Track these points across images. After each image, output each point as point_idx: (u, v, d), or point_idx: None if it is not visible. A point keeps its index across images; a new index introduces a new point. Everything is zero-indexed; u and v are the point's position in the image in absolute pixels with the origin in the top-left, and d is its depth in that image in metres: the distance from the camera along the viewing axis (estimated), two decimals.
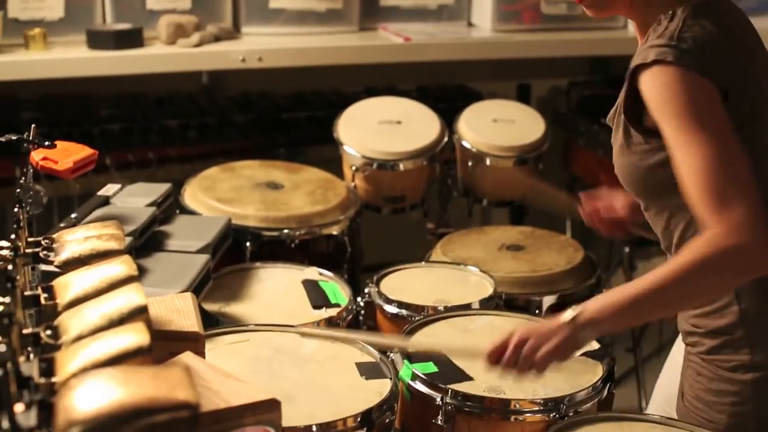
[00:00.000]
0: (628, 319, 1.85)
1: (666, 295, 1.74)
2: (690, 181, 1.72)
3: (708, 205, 1.70)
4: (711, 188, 1.69)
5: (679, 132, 1.72)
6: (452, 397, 2.00)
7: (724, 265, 1.71)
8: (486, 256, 2.98)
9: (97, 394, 1.17)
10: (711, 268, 1.71)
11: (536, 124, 3.59)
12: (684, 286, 1.73)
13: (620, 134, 1.89)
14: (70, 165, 2.26)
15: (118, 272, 1.56)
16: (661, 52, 1.74)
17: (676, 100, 1.72)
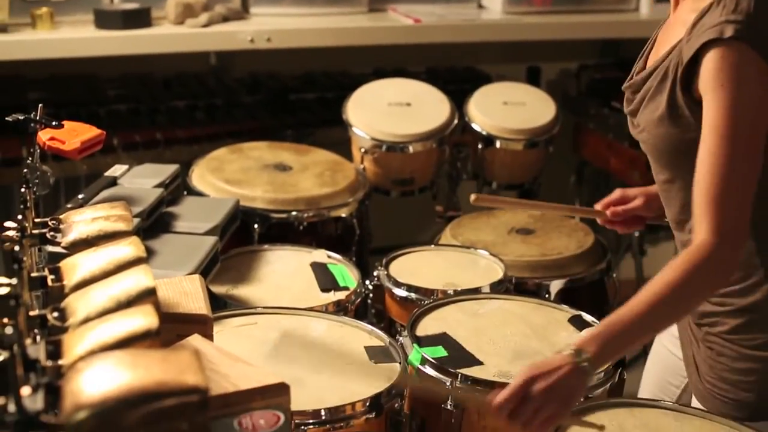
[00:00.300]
0: (631, 344, 1.81)
1: (661, 313, 1.73)
2: (703, 175, 1.72)
3: (706, 208, 1.71)
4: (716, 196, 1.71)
5: (723, 119, 1.71)
6: (462, 381, 1.98)
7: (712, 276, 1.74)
8: (496, 239, 2.96)
9: (105, 378, 1.15)
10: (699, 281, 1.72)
11: (547, 107, 3.57)
12: (677, 300, 1.72)
13: (663, 104, 1.84)
14: (77, 145, 2.24)
15: (125, 254, 1.54)
16: (737, 29, 1.70)
17: (735, 85, 1.70)
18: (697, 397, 2.01)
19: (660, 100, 1.85)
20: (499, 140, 3.43)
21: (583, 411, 1.87)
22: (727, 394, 1.94)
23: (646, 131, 1.91)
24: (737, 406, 1.92)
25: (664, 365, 2.22)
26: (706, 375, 1.97)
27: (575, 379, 1.66)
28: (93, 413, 1.11)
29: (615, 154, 3.89)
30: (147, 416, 1.13)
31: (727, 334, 1.93)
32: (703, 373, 1.98)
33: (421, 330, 2.20)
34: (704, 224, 1.71)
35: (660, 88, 1.85)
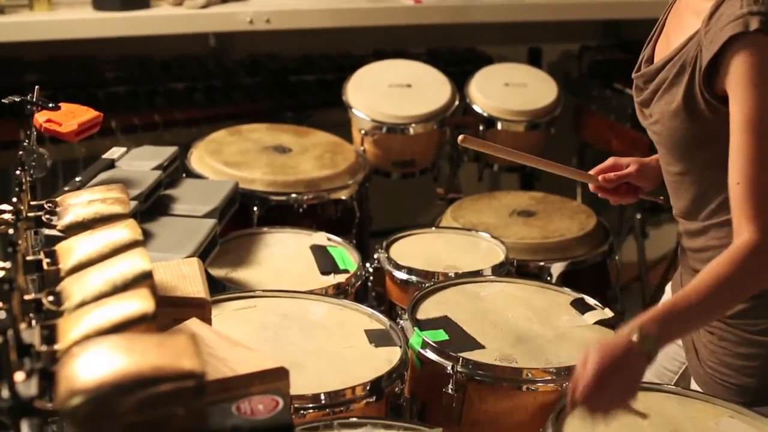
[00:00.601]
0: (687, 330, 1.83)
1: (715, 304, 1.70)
2: (739, 177, 1.69)
3: (748, 209, 1.68)
4: (756, 195, 1.68)
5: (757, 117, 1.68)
6: (463, 365, 1.96)
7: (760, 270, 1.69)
8: (497, 221, 2.94)
9: (100, 363, 1.14)
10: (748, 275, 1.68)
11: (548, 89, 3.55)
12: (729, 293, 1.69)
13: (679, 97, 1.80)
14: (74, 127, 2.22)
15: (122, 237, 1.51)
16: (763, 21, 1.66)
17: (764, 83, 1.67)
18: (698, 382, 1.99)
19: (676, 93, 1.81)
20: (501, 122, 3.41)
21: None
22: (729, 380, 1.92)
23: (659, 123, 1.88)
24: (739, 391, 1.90)
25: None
26: (707, 360, 1.95)
27: (642, 364, 1.63)
28: (88, 399, 1.10)
29: (617, 135, 3.87)
30: (143, 401, 1.12)
31: (730, 318, 1.90)
32: (704, 358, 1.96)
33: (421, 313, 2.18)
34: (747, 223, 1.68)
35: (676, 80, 1.81)
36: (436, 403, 1.99)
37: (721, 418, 1.82)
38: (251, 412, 1.32)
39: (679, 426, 1.79)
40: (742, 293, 1.73)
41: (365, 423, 1.70)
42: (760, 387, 1.90)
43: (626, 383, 1.63)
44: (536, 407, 1.95)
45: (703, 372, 1.97)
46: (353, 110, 3.33)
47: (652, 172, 2.13)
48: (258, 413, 1.32)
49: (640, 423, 1.78)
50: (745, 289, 1.72)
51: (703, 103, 1.77)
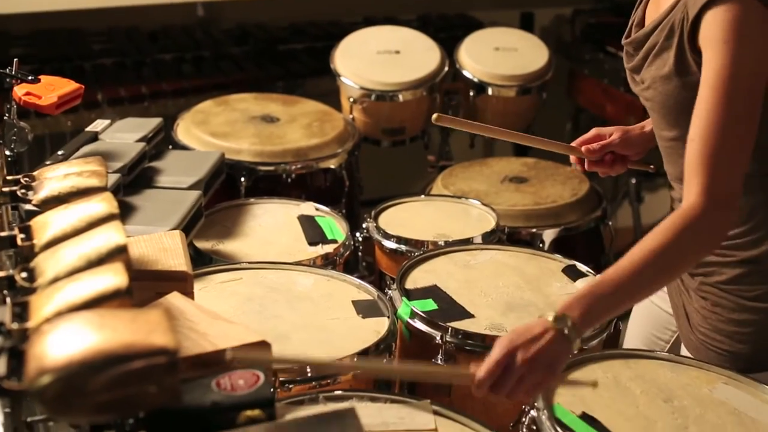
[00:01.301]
0: (617, 309, 1.70)
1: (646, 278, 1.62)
2: (698, 133, 1.65)
3: (698, 167, 1.64)
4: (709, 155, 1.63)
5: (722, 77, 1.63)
6: (452, 335, 1.93)
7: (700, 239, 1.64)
8: (488, 188, 2.90)
9: (70, 340, 1.11)
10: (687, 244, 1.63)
11: (539, 52, 3.51)
12: (663, 264, 1.62)
13: (671, 61, 1.76)
14: (54, 100, 2.18)
15: (97, 210, 1.48)
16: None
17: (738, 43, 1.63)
18: (689, 348, 1.96)
19: (667, 57, 1.77)
20: (491, 87, 3.38)
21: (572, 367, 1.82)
22: (721, 346, 1.89)
23: (652, 88, 1.84)
24: (731, 357, 1.87)
25: (649, 320, 2.16)
26: (699, 326, 1.92)
27: (558, 345, 1.54)
28: (57, 378, 1.07)
29: (611, 99, 3.83)
30: (114, 379, 1.09)
31: (725, 284, 1.87)
32: (696, 324, 1.93)
33: (410, 283, 2.15)
34: (695, 185, 1.63)
35: (666, 44, 1.77)
36: None
37: (715, 384, 1.79)
38: (231, 388, 1.30)
39: (672, 393, 1.76)
40: (683, 261, 1.67)
41: (351, 396, 1.67)
42: (752, 353, 1.87)
43: (539, 367, 1.53)
44: None
45: (694, 338, 1.93)
46: (341, 78, 3.29)
47: (637, 139, 2.09)
48: (238, 388, 1.30)
49: (633, 390, 1.75)
50: (685, 256, 1.65)
51: (693, 65, 1.73)
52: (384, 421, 1.62)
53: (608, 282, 1.61)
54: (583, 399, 1.71)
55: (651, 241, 1.62)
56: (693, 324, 1.93)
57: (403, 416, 1.64)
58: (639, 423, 1.66)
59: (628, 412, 1.69)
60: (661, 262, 1.61)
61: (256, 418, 1.27)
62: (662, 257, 1.60)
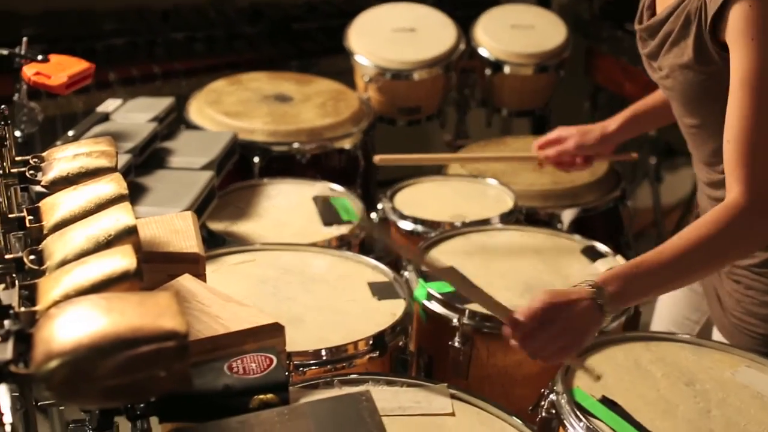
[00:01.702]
0: (651, 292, 1.72)
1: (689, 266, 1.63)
2: (734, 133, 1.62)
3: (740, 167, 1.61)
4: (750, 153, 1.60)
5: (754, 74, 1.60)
6: (470, 317, 1.90)
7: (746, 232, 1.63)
8: (506, 168, 2.87)
9: (78, 324, 1.08)
10: (732, 236, 1.62)
11: (557, 30, 3.46)
12: (707, 255, 1.62)
13: (690, 49, 1.73)
14: (63, 80, 2.16)
15: (107, 191, 1.45)
16: None
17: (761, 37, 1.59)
18: (722, 331, 1.94)
19: (685, 46, 1.73)
20: (508, 65, 3.34)
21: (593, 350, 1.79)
22: (755, 329, 1.86)
23: (671, 77, 1.80)
24: (765, 340, 1.84)
25: (680, 301, 2.13)
26: (732, 309, 1.89)
27: (591, 316, 1.57)
28: (64, 362, 1.04)
29: (629, 77, 3.79)
30: (122, 364, 1.06)
31: (758, 267, 1.84)
32: (729, 308, 1.90)
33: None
34: (736, 184, 1.61)
35: (683, 33, 1.73)
36: (443, 357, 1.93)
37: (737, 367, 1.76)
38: (244, 371, 1.28)
39: (694, 377, 1.72)
40: (722, 257, 1.66)
41: (366, 379, 1.65)
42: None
43: (571, 332, 1.57)
44: None
45: (727, 322, 1.90)
46: (356, 56, 3.26)
47: (598, 141, 2.08)
48: (251, 372, 1.28)
49: (654, 374, 1.72)
50: (725, 253, 1.65)
51: (714, 54, 1.69)
52: (400, 405, 1.59)
53: (648, 264, 1.60)
54: (603, 382, 1.68)
55: (694, 231, 1.61)
56: (726, 307, 1.90)
57: (419, 400, 1.62)
58: (660, 406, 1.63)
59: (649, 396, 1.66)
60: (701, 253, 1.60)
61: (269, 402, 1.25)
62: (704, 248, 1.60)
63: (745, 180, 1.60)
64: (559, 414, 1.62)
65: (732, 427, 1.59)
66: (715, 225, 1.60)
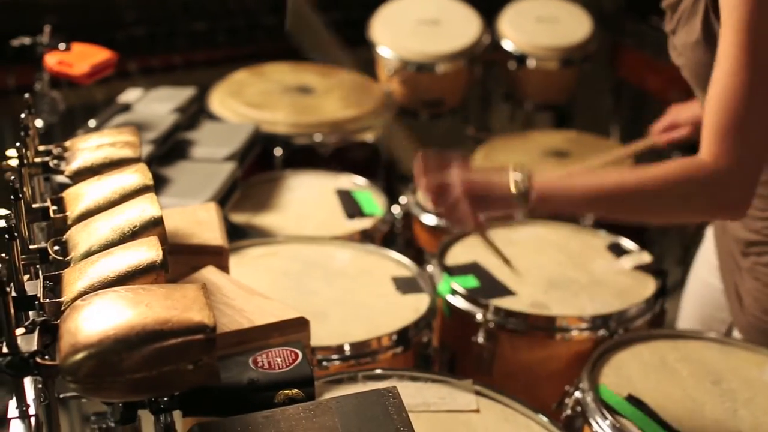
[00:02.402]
0: (578, 209, 1.78)
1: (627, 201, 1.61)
2: (715, 97, 1.57)
3: (716, 132, 1.56)
4: (728, 120, 1.55)
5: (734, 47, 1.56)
6: (494, 313, 1.88)
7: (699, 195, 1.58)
8: (529, 161, 2.84)
9: (104, 316, 1.07)
10: (684, 193, 1.58)
11: (582, 23, 3.44)
12: (649, 199, 1.60)
13: (698, 28, 1.70)
14: (86, 69, 2.15)
15: (131, 182, 1.44)
16: None
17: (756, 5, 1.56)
18: (740, 329, 1.91)
19: (694, 24, 1.71)
20: (533, 58, 3.31)
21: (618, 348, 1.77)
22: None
23: (683, 55, 1.78)
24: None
25: (706, 298, 2.11)
26: (752, 307, 1.87)
27: (502, 197, 1.63)
28: (90, 354, 1.03)
29: (654, 72, 3.75)
30: (149, 357, 1.05)
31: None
32: (748, 305, 1.87)
33: (450, 259, 2.10)
34: (712, 144, 1.56)
35: (694, 10, 1.71)
36: (467, 353, 1.92)
37: (764, 366, 1.75)
38: (269, 366, 1.26)
39: (721, 375, 1.70)
40: (665, 208, 1.63)
41: (391, 375, 1.63)
42: None
43: (474, 199, 1.64)
44: (571, 356, 1.88)
45: (746, 321, 1.88)
46: (378, 48, 3.24)
47: None
48: (276, 366, 1.27)
49: (680, 372, 1.70)
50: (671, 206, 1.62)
51: (718, 31, 1.66)
52: (425, 401, 1.58)
53: (586, 183, 1.62)
54: (630, 381, 1.66)
55: (652, 171, 1.58)
56: (745, 305, 1.88)
57: (444, 396, 1.60)
58: (686, 405, 1.61)
59: (675, 395, 1.64)
60: (645, 194, 1.59)
61: (294, 397, 1.23)
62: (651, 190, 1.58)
63: (722, 144, 1.56)
64: (585, 412, 1.60)
65: (760, 426, 1.57)
66: (673, 177, 1.57)
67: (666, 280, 2.05)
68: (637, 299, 1.95)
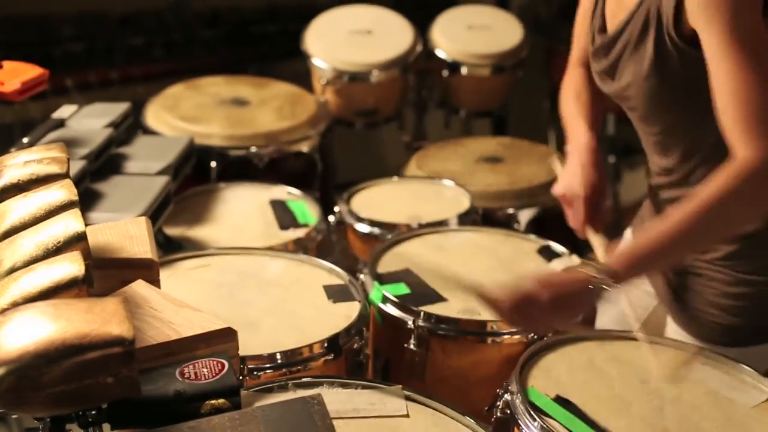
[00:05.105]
0: (658, 266, 1.77)
1: (697, 232, 1.60)
2: (728, 102, 1.59)
3: (743, 132, 1.58)
4: (750, 115, 1.58)
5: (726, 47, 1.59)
6: (425, 319, 1.90)
7: (758, 192, 1.60)
8: (463, 168, 2.87)
9: (24, 332, 1.08)
10: (743, 197, 1.59)
11: (513, 30, 3.48)
12: (716, 218, 1.60)
13: (649, 54, 1.71)
14: (17, 86, 2.13)
15: (57, 198, 1.45)
16: None
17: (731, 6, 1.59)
18: (679, 323, 1.94)
19: (644, 51, 1.72)
20: (465, 66, 3.35)
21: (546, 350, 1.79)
22: (716, 320, 1.87)
23: (633, 86, 1.78)
24: (725, 330, 1.86)
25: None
26: (692, 301, 1.90)
27: (587, 294, 1.60)
28: (10, 370, 1.04)
29: None
30: (69, 371, 1.06)
31: (721, 260, 1.85)
32: (688, 300, 1.91)
33: (382, 266, 2.12)
34: (743, 146, 1.58)
35: (642, 38, 1.72)
36: (400, 359, 1.93)
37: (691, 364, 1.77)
38: (195, 377, 1.28)
39: (649, 374, 1.73)
40: (731, 221, 1.63)
41: (321, 382, 1.64)
42: (746, 326, 1.86)
43: (565, 307, 1.61)
44: (502, 360, 1.90)
45: (687, 315, 1.91)
46: (313, 59, 3.26)
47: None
48: (202, 377, 1.28)
49: (608, 372, 1.72)
50: (735, 216, 1.62)
51: (675, 53, 1.69)
52: (355, 408, 1.59)
53: (656, 237, 1.61)
54: (558, 382, 1.69)
55: (700, 196, 1.58)
56: (685, 299, 1.91)
57: (374, 402, 1.61)
58: (614, 405, 1.63)
59: (604, 395, 1.66)
60: (716, 213, 1.59)
61: (220, 407, 1.24)
62: (712, 213, 1.58)
63: (756, 139, 1.57)
64: (514, 414, 1.62)
65: (685, 423, 1.60)
66: (725, 188, 1.57)
67: None
68: None
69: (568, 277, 1.62)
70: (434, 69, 3.43)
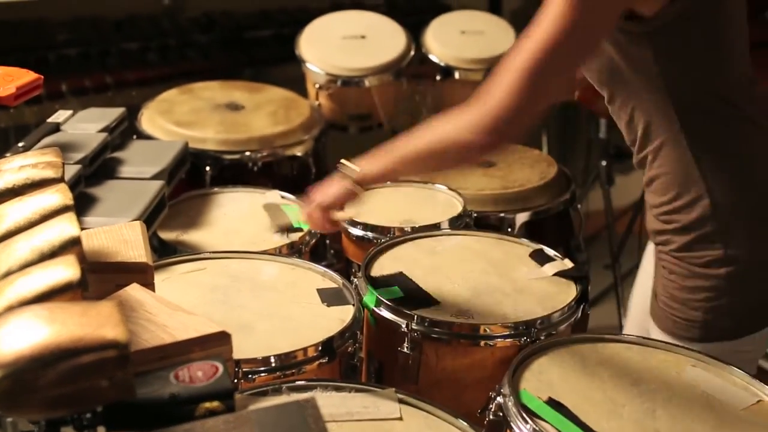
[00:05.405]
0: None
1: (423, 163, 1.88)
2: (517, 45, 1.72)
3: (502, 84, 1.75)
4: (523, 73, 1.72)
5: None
6: (418, 323, 1.91)
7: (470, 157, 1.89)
8: (455, 173, 2.87)
9: (19, 336, 1.08)
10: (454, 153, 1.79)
11: (506, 35, 3.49)
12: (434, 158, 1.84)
13: None
14: (12, 91, 2.14)
15: (52, 202, 1.45)
16: None
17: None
18: (653, 317, 1.97)
19: None
20: (458, 71, 3.36)
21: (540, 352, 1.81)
22: (677, 314, 1.90)
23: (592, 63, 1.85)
24: (687, 325, 1.89)
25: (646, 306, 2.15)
26: (661, 294, 1.93)
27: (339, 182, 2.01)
28: (5, 374, 1.05)
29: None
30: (64, 374, 1.07)
31: (677, 252, 1.88)
32: (659, 293, 1.94)
33: (376, 270, 2.13)
34: (488, 91, 1.75)
35: None
36: (393, 363, 1.94)
37: (683, 367, 1.79)
38: (190, 380, 1.28)
39: (641, 376, 1.75)
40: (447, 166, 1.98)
41: (315, 385, 1.65)
42: (704, 321, 1.88)
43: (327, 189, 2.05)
44: (495, 363, 1.91)
45: (656, 306, 1.95)
46: (307, 64, 3.27)
47: None
48: (197, 380, 1.28)
49: (600, 374, 1.74)
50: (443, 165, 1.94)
51: None
52: (348, 411, 1.60)
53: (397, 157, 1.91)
54: (551, 384, 1.70)
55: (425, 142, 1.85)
56: (657, 293, 1.94)
57: (367, 405, 1.62)
58: (606, 407, 1.65)
59: (596, 397, 1.68)
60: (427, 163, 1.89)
61: (214, 410, 1.25)
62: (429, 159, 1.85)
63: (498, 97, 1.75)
64: (506, 416, 1.63)
65: (677, 425, 1.61)
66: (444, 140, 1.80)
67: (587, 286, 2.09)
68: (559, 305, 1.99)
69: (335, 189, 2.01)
70: (427, 74, 3.45)
